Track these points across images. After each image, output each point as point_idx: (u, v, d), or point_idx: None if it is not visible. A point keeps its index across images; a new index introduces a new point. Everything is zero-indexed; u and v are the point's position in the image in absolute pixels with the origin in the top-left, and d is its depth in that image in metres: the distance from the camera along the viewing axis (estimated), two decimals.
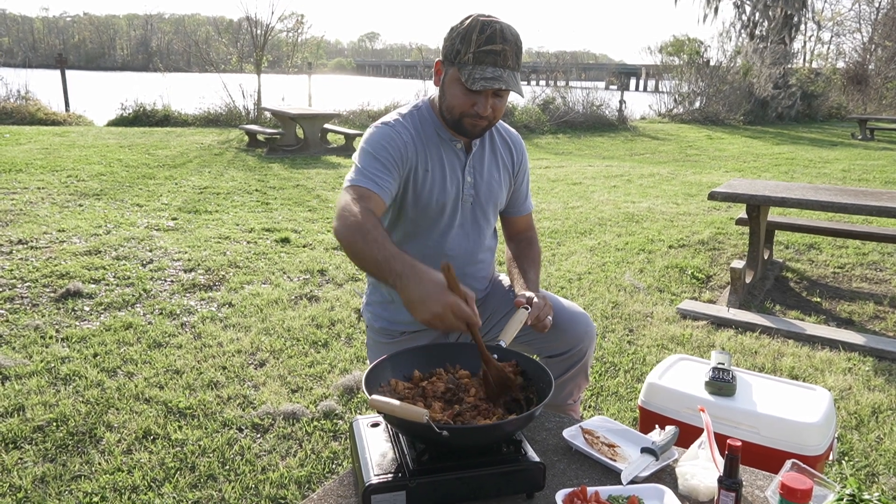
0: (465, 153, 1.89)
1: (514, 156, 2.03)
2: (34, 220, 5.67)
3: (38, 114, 13.74)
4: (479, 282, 2.03)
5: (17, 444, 2.53)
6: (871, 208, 3.80)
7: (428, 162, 1.82)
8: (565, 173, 9.61)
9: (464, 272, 1.93)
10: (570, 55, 30.11)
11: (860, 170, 10.42)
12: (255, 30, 15.90)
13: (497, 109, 1.77)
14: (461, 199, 1.88)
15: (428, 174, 1.82)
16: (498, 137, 2.00)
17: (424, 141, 1.83)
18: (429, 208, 1.85)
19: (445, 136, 1.86)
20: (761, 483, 1.50)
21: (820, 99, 21.27)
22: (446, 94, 1.78)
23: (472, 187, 1.89)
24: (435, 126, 1.86)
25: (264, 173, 8.76)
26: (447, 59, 1.76)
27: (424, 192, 1.83)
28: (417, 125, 1.84)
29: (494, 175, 1.94)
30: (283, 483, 2.35)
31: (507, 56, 1.69)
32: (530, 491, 1.40)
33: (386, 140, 1.76)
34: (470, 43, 1.68)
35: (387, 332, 2.04)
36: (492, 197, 1.95)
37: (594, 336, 1.99)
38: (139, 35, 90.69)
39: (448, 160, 1.86)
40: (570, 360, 1.95)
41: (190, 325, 3.74)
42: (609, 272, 4.87)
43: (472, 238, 1.94)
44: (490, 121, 1.79)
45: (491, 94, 1.73)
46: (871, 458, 2.57)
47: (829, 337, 3.68)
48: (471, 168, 1.89)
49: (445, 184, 1.85)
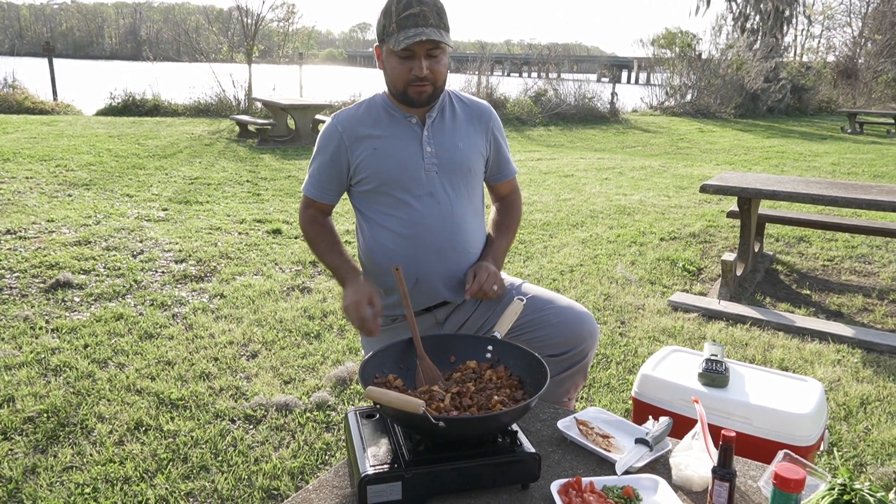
0: (421, 126, 1.95)
1: (482, 123, 2.05)
2: (22, 210, 5.61)
3: (26, 102, 13.61)
4: (471, 257, 2.00)
5: (7, 436, 2.51)
6: (860, 201, 3.83)
7: (375, 141, 1.92)
8: (557, 165, 9.62)
9: (449, 241, 1.94)
10: (562, 47, 30.05)
11: (849, 163, 10.49)
12: (246, 19, 15.80)
13: (436, 71, 1.83)
14: (423, 168, 1.93)
15: (377, 151, 1.92)
16: (461, 108, 2.03)
17: (371, 124, 1.94)
18: (392, 180, 1.92)
19: (398, 114, 1.94)
20: (754, 473, 1.51)
21: (810, 92, 21.37)
22: (387, 69, 1.87)
23: (433, 156, 1.93)
24: (386, 107, 1.96)
25: (255, 164, 8.72)
26: (380, 39, 1.87)
27: (381, 167, 1.91)
28: (362, 113, 1.96)
29: (458, 145, 1.97)
30: (275, 474, 2.35)
31: (426, 16, 1.77)
32: (525, 482, 1.41)
33: (325, 140, 1.98)
34: (391, 14, 1.78)
35: (378, 319, 2.04)
36: (459, 166, 1.96)
37: (597, 336, 1.99)
38: (128, 23, 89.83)
39: (401, 135, 1.93)
40: (571, 359, 1.94)
41: (181, 317, 3.72)
42: (601, 264, 4.89)
43: (446, 206, 1.94)
44: (433, 84, 1.85)
45: (424, 56, 1.80)
46: (860, 448, 2.60)
47: (819, 329, 3.71)
48: (429, 139, 1.94)
49: (401, 155, 1.92)
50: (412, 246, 1.92)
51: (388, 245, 1.93)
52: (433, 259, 1.93)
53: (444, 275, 1.96)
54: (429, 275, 1.94)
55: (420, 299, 1.96)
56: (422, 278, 1.93)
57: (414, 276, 1.92)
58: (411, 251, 1.92)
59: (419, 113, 1.95)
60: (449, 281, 1.97)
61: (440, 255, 1.94)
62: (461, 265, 1.98)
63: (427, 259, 1.93)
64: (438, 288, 1.96)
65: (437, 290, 1.97)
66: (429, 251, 1.92)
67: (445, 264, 1.95)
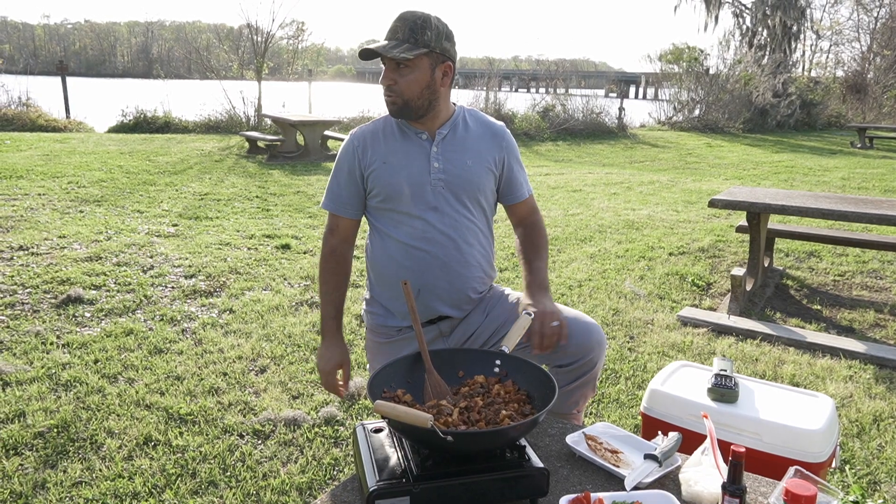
0: (430, 142, 1.98)
1: (495, 142, 2.06)
2: (35, 227, 5.67)
3: (39, 120, 13.76)
4: (469, 269, 2.01)
5: (18, 451, 2.52)
6: (870, 216, 3.81)
7: (387, 155, 1.98)
8: (565, 180, 9.63)
9: (453, 256, 1.95)
10: (570, 63, 30.22)
11: (859, 178, 10.44)
12: (256, 37, 15.97)
13: (400, 83, 1.87)
14: (429, 183, 1.95)
15: (387, 165, 1.96)
16: (476, 127, 2.05)
17: (383, 139, 2.00)
18: (398, 192, 1.95)
19: (409, 130, 1.99)
20: (764, 490, 1.50)
21: (819, 107, 21.32)
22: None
23: (440, 172, 1.96)
24: (399, 123, 2.01)
25: (265, 180, 8.78)
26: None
27: (390, 179, 1.96)
28: (378, 128, 2.03)
29: (467, 163, 1.99)
30: (284, 489, 2.34)
31: (395, 30, 1.87)
32: (534, 497, 1.40)
33: (342, 155, 2.03)
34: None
35: (383, 330, 2.07)
36: (468, 183, 1.98)
37: (605, 347, 1.98)
38: (140, 42, 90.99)
39: (410, 150, 1.98)
40: (579, 370, 1.94)
41: (191, 332, 3.74)
42: (609, 279, 4.88)
43: (451, 221, 1.96)
44: (399, 94, 1.88)
45: (390, 69, 1.87)
46: (873, 465, 2.57)
47: (830, 345, 3.69)
48: (437, 155, 1.97)
49: (407, 169, 1.96)
50: (416, 259, 1.94)
51: (395, 257, 1.97)
52: (437, 273, 1.95)
53: (447, 289, 1.97)
54: (431, 289, 1.96)
55: (423, 312, 1.98)
56: (424, 291, 1.95)
57: (416, 288, 1.93)
58: (415, 264, 1.94)
59: (429, 129, 1.98)
60: (451, 296, 1.99)
61: (445, 269, 1.96)
62: (465, 281, 2.00)
63: (431, 273, 1.95)
64: (440, 302, 1.98)
65: (439, 305, 1.98)
66: (432, 265, 1.95)
67: (449, 279, 1.97)
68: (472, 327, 2.05)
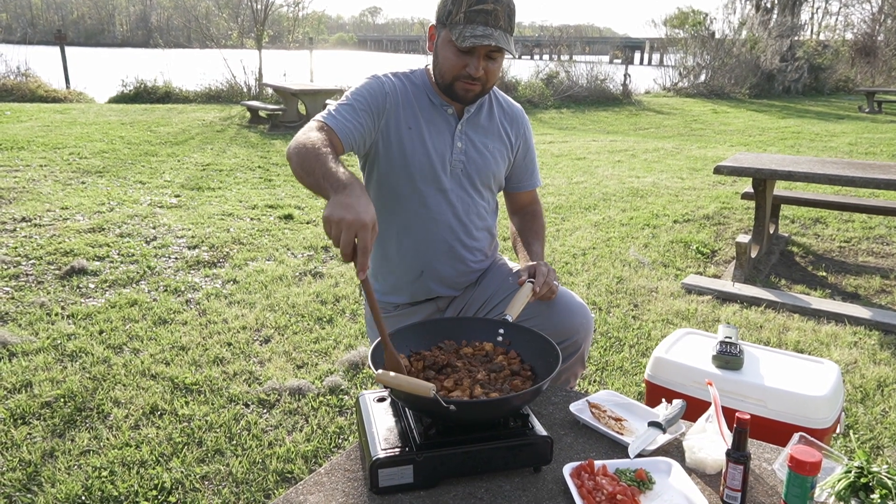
0: (457, 119, 1.86)
1: (514, 128, 1.98)
2: (37, 198, 5.66)
3: (39, 91, 13.67)
4: (474, 253, 1.99)
5: (26, 420, 2.55)
6: (878, 181, 3.76)
7: (413, 120, 1.81)
8: (569, 148, 9.55)
9: (459, 240, 1.92)
10: (574, 29, 29.80)
11: (867, 143, 10.33)
12: (256, 4, 15.73)
13: (490, 73, 1.75)
14: (449, 162, 1.85)
15: (412, 131, 1.80)
16: (498, 109, 1.96)
17: (413, 100, 1.82)
18: (413, 165, 1.82)
19: (437, 101, 1.84)
20: (769, 456, 1.50)
21: (827, 72, 21.03)
22: (439, 56, 1.77)
23: (462, 153, 1.86)
24: (427, 90, 1.85)
25: (267, 150, 8.72)
26: (439, 22, 1.75)
27: (407, 149, 1.81)
28: (407, 84, 1.84)
29: (489, 146, 1.90)
30: (289, 457, 2.36)
31: (498, 16, 1.67)
32: (537, 464, 1.40)
33: (366, 89, 1.77)
34: (461, 3, 1.67)
35: (381, 306, 2.04)
36: (485, 168, 1.90)
37: (590, 329, 1.91)
38: (138, 10, 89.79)
39: (436, 123, 1.84)
40: (564, 350, 1.90)
41: (195, 302, 3.74)
42: (614, 247, 4.85)
43: (461, 207, 1.90)
44: (483, 85, 1.77)
45: (483, 56, 1.71)
46: (877, 430, 2.58)
47: (835, 311, 3.67)
48: (461, 134, 1.86)
49: (431, 144, 1.82)
50: (421, 239, 1.89)
51: (399, 236, 1.90)
52: (442, 259, 1.92)
53: (451, 274, 1.95)
54: (434, 273, 1.93)
55: (422, 291, 1.96)
56: (427, 273, 1.93)
57: (419, 268, 1.91)
58: (421, 245, 1.90)
59: (457, 105, 1.86)
60: (454, 280, 1.97)
61: (450, 254, 1.92)
62: (467, 263, 1.97)
63: (436, 258, 1.91)
64: (441, 285, 1.96)
65: (439, 287, 1.96)
66: (438, 246, 1.90)
67: (453, 264, 1.94)
68: (464, 301, 2.03)
